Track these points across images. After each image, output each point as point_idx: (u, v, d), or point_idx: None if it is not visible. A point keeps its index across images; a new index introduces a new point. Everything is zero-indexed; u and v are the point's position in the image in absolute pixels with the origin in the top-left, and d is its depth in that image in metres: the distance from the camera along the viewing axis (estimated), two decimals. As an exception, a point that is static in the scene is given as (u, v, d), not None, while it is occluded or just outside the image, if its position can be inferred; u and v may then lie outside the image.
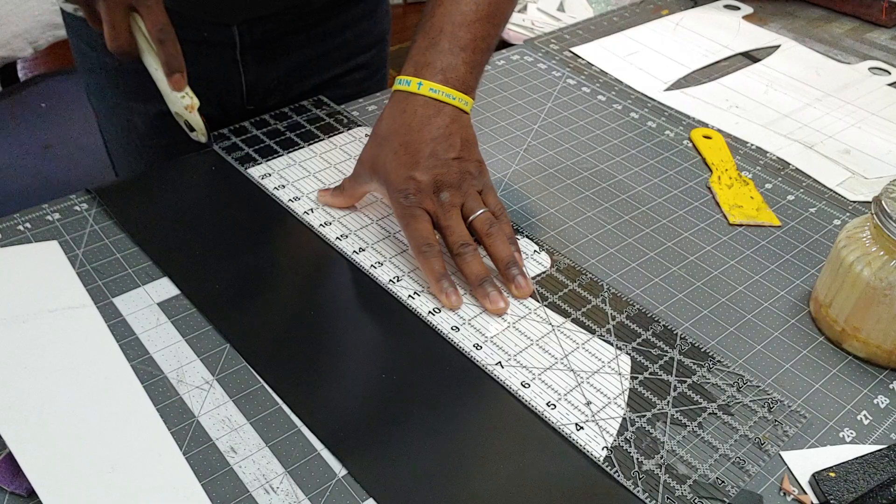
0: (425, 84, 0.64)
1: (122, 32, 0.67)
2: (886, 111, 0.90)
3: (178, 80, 0.69)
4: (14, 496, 0.48)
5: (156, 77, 0.70)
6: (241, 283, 0.62)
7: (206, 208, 0.70)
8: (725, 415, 0.54)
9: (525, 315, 0.61)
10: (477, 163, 0.65)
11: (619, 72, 0.95)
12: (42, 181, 1.20)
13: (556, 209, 0.73)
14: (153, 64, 0.69)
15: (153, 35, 0.67)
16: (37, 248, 0.64)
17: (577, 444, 0.52)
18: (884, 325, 0.57)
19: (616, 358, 0.58)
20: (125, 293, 0.61)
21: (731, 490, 0.50)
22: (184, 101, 0.70)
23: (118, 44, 0.67)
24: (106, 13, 0.65)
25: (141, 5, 0.66)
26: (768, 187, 0.77)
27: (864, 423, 0.55)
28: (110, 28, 0.66)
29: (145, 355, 0.56)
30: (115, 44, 0.67)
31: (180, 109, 0.71)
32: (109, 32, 0.66)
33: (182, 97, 0.70)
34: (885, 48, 1.04)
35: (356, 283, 0.63)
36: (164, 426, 0.51)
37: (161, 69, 0.69)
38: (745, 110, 0.89)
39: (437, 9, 0.66)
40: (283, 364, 0.56)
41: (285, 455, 0.51)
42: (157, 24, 0.66)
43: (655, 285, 0.65)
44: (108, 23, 0.66)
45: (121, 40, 0.67)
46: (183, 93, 0.70)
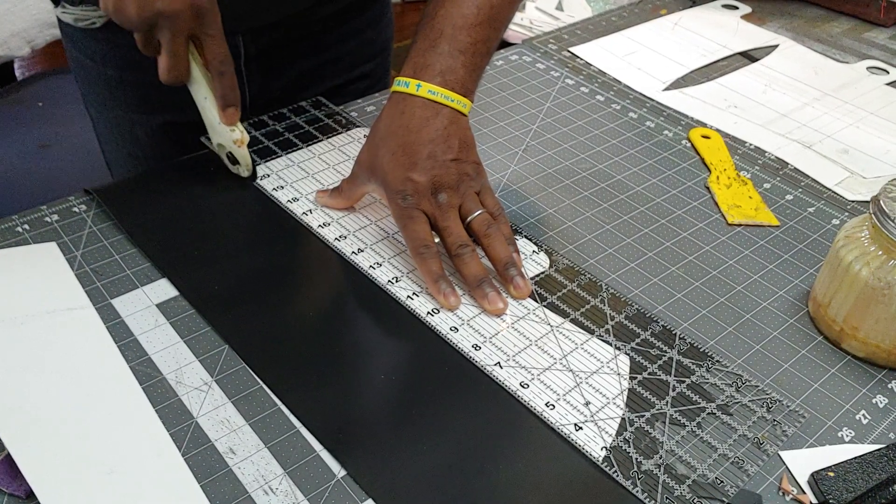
0: (424, 86, 0.64)
1: (183, 62, 0.65)
2: (885, 110, 0.90)
3: (233, 113, 0.67)
4: (12, 497, 0.48)
5: (202, 106, 0.68)
6: (240, 285, 0.62)
7: (204, 209, 0.70)
8: (724, 414, 0.54)
9: (524, 315, 0.61)
10: (474, 164, 0.65)
11: (617, 72, 0.95)
12: (39, 180, 1.20)
13: (555, 209, 0.73)
14: (203, 93, 0.67)
15: (213, 66, 0.65)
16: (35, 250, 0.64)
17: (576, 445, 0.52)
18: (882, 325, 0.57)
19: (615, 358, 0.58)
20: (124, 294, 0.61)
21: (730, 490, 0.50)
22: (233, 134, 0.68)
23: (176, 74, 0.65)
24: (168, 42, 0.63)
25: (204, 35, 0.64)
26: (767, 187, 0.77)
27: (863, 423, 0.55)
28: (171, 57, 0.64)
29: (144, 356, 0.56)
30: (172, 74, 0.65)
31: (227, 142, 0.69)
32: (169, 62, 0.64)
33: (232, 131, 0.68)
34: (884, 47, 1.04)
35: (355, 284, 0.63)
36: (163, 427, 0.51)
37: (211, 100, 0.67)
38: (743, 110, 0.89)
39: (437, 10, 0.66)
40: (282, 365, 0.56)
41: (284, 456, 0.51)
42: (219, 56, 0.65)
43: (654, 285, 0.65)
44: (169, 52, 0.63)
45: (180, 70, 0.65)
46: (234, 126, 0.68)
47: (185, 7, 0.61)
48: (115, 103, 0.85)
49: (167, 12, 0.60)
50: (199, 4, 0.61)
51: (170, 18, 0.61)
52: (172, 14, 0.61)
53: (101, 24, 0.79)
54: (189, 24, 0.62)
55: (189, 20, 0.62)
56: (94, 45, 0.81)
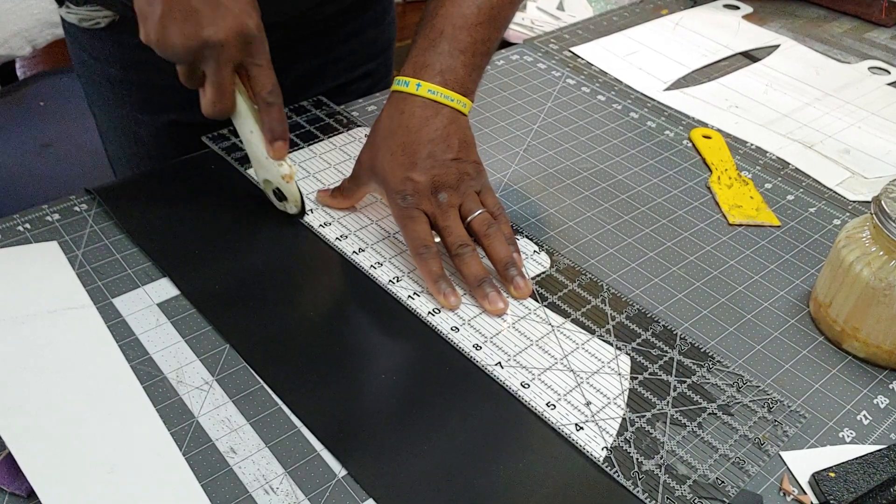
0: (424, 85, 0.64)
1: (230, 94, 0.61)
2: (886, 111, 0.90)
3: (281, 147, 0.64)
4: (13, 497, 0.48)
5: (248, 140, 0.65)
6: (241, 284, 0.62)
7: (206, 208, 0.70)
8: (725, 415, 0.54)
9: (525, 315, 0.61)
10: (475, 164, 0.65)
11: (618, 71, 0.95)
12: (41, 180, 1.20)
13: (556, 209, 0.73)
14: (249, 126, 0.64)
15: (261, 97, 0.62)
16: (36, 249, 0.64)
17: (576, 445, 0.52)
18: (883, 325, 0.57)
19: (616, 358, 0.58)
20: (125, 294, 0.61)
21: (731, 490, 0.50)
22: (281, 169, 0.64)
23: (222, 107, 0.61)
24: (214, 73, 0.59)
25: (252, 64, 0.61)
26: (768, 187, 0.77)
27: (864, 423, 0.55)
28: (217, 89, 0.60)
29: (145, 356, 0.56)
30: (219, 106, 0.61)
31: (275, 178, 0.65)
32: (215, 94, 0.60)
33: (280, 165, 0.64)
34: (885, 47, 1.04)
35: (356, 283, 0.63)
36: (164, 427, 0.51)
37: (258, 133, 0.64)
38: (744, 110, 0.89)
39: (438, 10, 0.66)
40: (283, 364, 0.56)
41: (285, 455, 0.51)
42: (268, 86, 0.61)
43: (655, 285, 0.65)
44: (214, 84, 0.60)
45: (226, 103, 0.61)
46: (282, 161, 0.64)
47: (233, 36, 0.58)
48: (119, 103, 0.85)
49: (214, 41, 0.57)
50: (246, 32, 0.58)
51: (216, 48, 0.58)
52: (219, 43, 0.58)
53: (106, 24, 0.79)
54: (236, 54, 0.59)
55: (236, 49, 0.59)
56: (98, 44, 0.81)
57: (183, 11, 0.57)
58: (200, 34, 0.57)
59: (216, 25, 0.57)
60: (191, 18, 0.57)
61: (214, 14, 0.57)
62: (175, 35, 0.57)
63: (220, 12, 0.57)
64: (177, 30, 0.57)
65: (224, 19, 0.57)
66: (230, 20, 0.57)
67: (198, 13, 0.57)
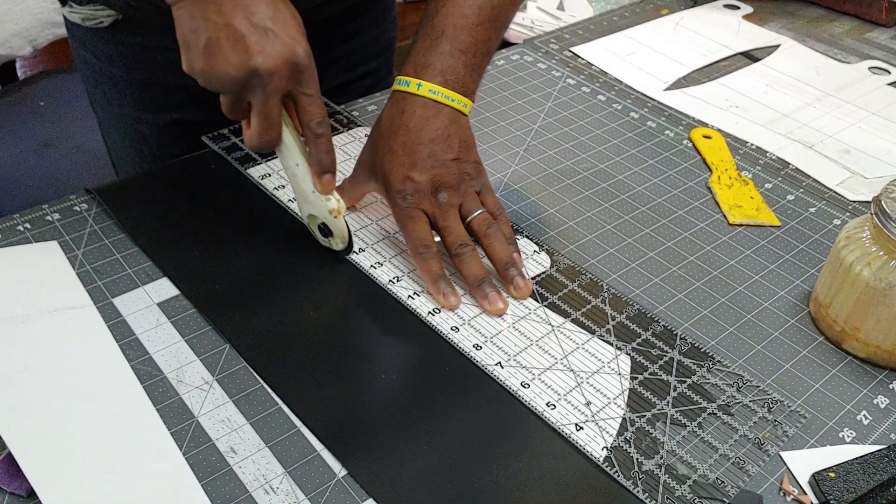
0: (425, 85, 0.64)
1: (277, 125, 0.58)
2: (886, 111, 0.90)
3: (330, 181, 0.61)
4: (14, 496, 0.48)
5: (293, 173, 0.61)
6: (241, 284, 0.62)
7: (206, 208, 0.70)
8: (725, 415, 0.54)
9: (525, 315, 0.61)
10: (475, 164, 0.65)
11: (618, 71, 0.95)
12: (41, 179, 1.20)
13: (556, 209, 0.73)
14: (294, 159, 0.60)
15: (309, 128, 0.59)
16: (37, 249, 0.64)
17: (576, 445, 0.52)
18: (883, 326, 0.57)
19: (616, 358, 0.58)
20: (125, 293, 0.61)
21: (731, 490, 0.50)
22: (329, 203, 0.61)
23: (268, 138, 0.58)
24: (262, 104, 0.56)
25: (301, 94, 0.58)
26: (768, 187, 0.77)
27: (864, 424, 0.55)
28: (264, 120, 0.57)
29: (145, 355, 0.56)
30: (265, 138, 0.58)
31: (321, 213, 0.62)
32: (262, 125, 0.57)
33: (328, 200, 0.61)
34: (885, 47, 1.04)
35: (356, 283, 0.63)
36: (164, 426, 0.51)
37: (304, 166, 0.61)
38: (744, 110, 0.89)
39: (439, 10, 0.66)
40: (283, 364, 0.56)
41: (285, 455, 0.51)
42: (317, 117, 0.59)
43: (655, 285, 0.65)
44: (261, 115, 0.57)
45: (274, 134, 0.58)
46: (329, 195, 0.61)
47: (283, 64, 0.55)
48: (122, 102, 0.85)
49: (263, 70, 0.54)
50: (296, 61, 0.56)
51: (265, 77, 0.55)
52: (269, 72, 0.55)
53: (109, 24, 0.79)
54: (285, 83, 0.56)
55: (285, 78, 0.56)
56: (102, 44, 0.81)
57: (230, 39, 0.54)
58: (248, 63, 0.54)
59: (265, 53, 0.54)
60: (238, 46, 0.54)
61: (263, 41, 0.54)
62: (222, 64, 0.54)
63: (268, 39, 0.54)
64: (223, 58, 0.54)
65: (273, 47, 0.55)
66: (279, 47, 0.55)
67: (245, 40, 0.54)
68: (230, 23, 0.54)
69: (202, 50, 0.55)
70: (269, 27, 0.55)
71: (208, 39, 0.54)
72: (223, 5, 0.54)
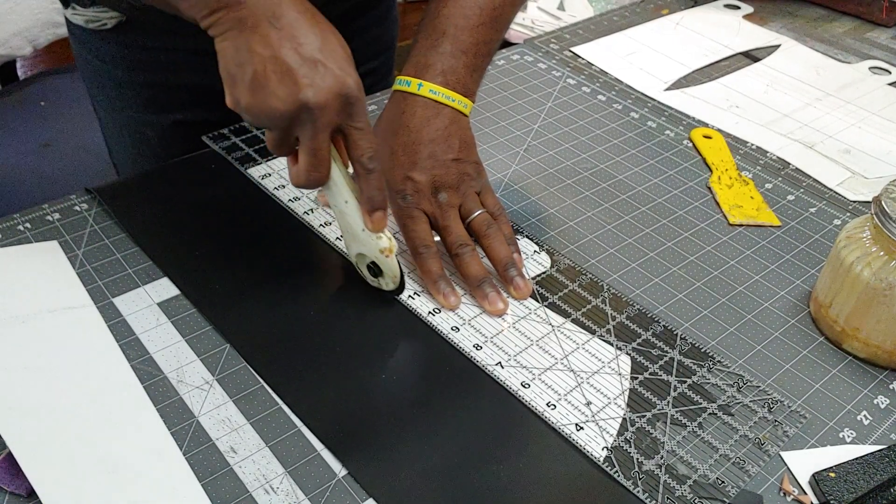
0: (425, 85, 0.64)
1: (326, 161, 0.55)
2: (887, 111, 0.90)
3: (381, 218, 0.57)
4: (14, 496, 0.48)
5: (341, 211, 0.58)
6: (241, 283, 0.62)
7: (206, 208, 0.70)
8: (725, 415, 0.54)
9: (525, 315, 0.61)
10: (475, 164, 0.65)
11: (619, 71, 0.95)
12: (41, 179, 1.20)
13: (556, 209, 0.73)
14: (343, 196, 0.57)
15: (360, 163, 0.56)
16: (37, 248, 0.64)
17: (577, 445, 0.52)
18: (884, 326, 0.57)
19: (616, 358, 0.58)
20: (125, 293, 0.61)
21: (731, 490, 0.50)
22: (380, 242, 0.58)
23: (318, 175, 0.55)
24: (310, 139, 0.53)
25: (352, 128, 0.55)
26: (768, 187, 0.77)
27: (865, 424, 0.55)
28: (312, 156, 0.54)
29: (145, 355, 0.56)
30: (314, 175, 0.55)
31: (372, 252, 0.59)
32: (310, 162, 0.54)
33: (378, 238, 0.58)
34: (886, 47, 1.04)
35: (356, 283, 0.63)
36: (164, 426, 0.51)
37: (353, 203, 0.57)
38: (745, 110, 0.89)
39: (440, 10, 0.66)
40: (283, 364, 0.56)
41: (285, 455, 0.51)
42: (367, 151, 0.55)
43: (655, 285, 0.65)
44: (310, 150, 0.54)
45: (324, 170, 0.55)
46: (380, 233, 0.58)
47: (334, 97, 0.52)
48: (125, 104, 0.85)
49: (313, 104, 0.52)
50: (347, 93, 0.53)
51: (315, 111, 0.52)
52: (319, 106, 0.52)
53: (113, 26, 0.79)
54: (335, 117, 0.53)
55: (336, 112, 0.53)
56: (105, 46, 0.81)
57: (278, 72, 0.51)
58: (298, 96, 0.51)
59: (315, 86, 0.51)
60: (287, 79, 0.51)
61: (313, 74, 0.52)
62: (270, 98, 0.52)
63: (318, 72, 0.52)
64: (271, 93, 0.51)
65: (323, 79, 0.52)
66: (329, 80, 0.52)
67: (294, 73, 0.51)
68: (277, 55, 0.51)
69: (248, 84, 0.52)
70: (319, 58, 0.52)
71: (254, 73, 0.52)
72: (269, 36, 0.52)
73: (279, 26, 0.52)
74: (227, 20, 0.52)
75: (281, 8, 0.52)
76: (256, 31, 0.52)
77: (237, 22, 0.52)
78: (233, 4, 0.52)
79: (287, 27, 0.52)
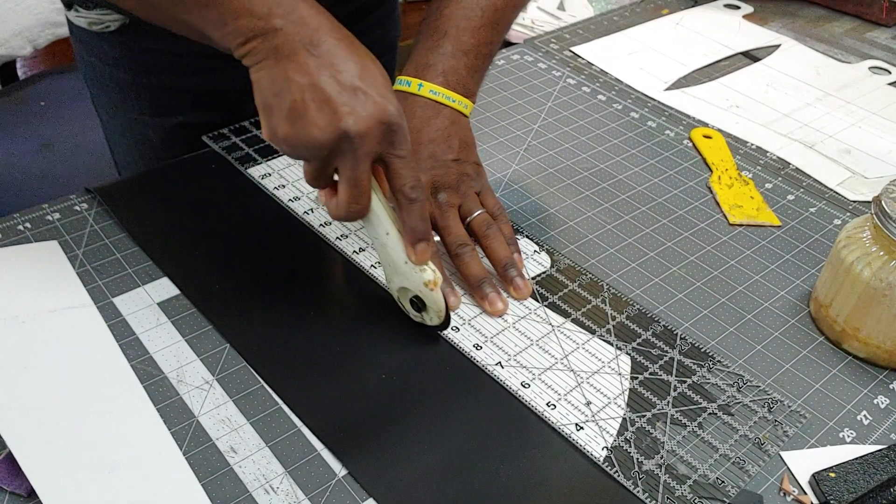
0: (426, 85, 0.64)
1: (368, 192, 0.53)
2: (887, 111, 0.90)
3: (425, 250, 0.55)
4: (14, 496, 0.48)
5: (382, 244, 0.56)
6: (241, 283, 0.62)
7: (206, 208, 0.70)
8: (725, 415, 0.54)
9: (525, 315, 0.61)
10: (475, 165, 0.65)
11: (619, 71, 0.95)
12: (41, 179, 1.20)
13: (556, 209, 0.73)
14: (384, 228, 0.55)
15: (403, 193, 0.54)
16: (37, 248, 0.64)
17: (577, 445, 0.52)
18: (884, 326, 0.57)
19: (616, 358, 0.58)
20: (125, 293, 0.61)
21: (731, 490, 0.50)
22: (424, 275, 0.56)
23: (359, 207, 0.53)
24: (351, 169, 0.51)
25: (394, 156, 0.53)
26: (768, 187, 0.77)
27: (864, 424, 0.55)
28: (353, 187, 0.52)
29: (145, 355, 0.56)
30: (355, 206, 0.53)
31: (415, 285, 0.56)
32: (351, 193, 0.52)
33: (422, 271, 0.56)
34: (886, 47, 1.04)
35: (356, 283, 0.63)
36: (164, 426, 0.51)
37: (395, 235, 0.55)
38: (745, 110, 0.89)
39: (442, 10, 0.66)
40: (283, 364, 0.56)
41: (285, 455, 0.51)
42: (410, 180, 0.53)
43: (655, 285, 0.65)
44: (351, 181, 0.52)
45: (365, 202, 0.53)
46: (424, 266, 0.56)
47: (375, 125, 0.50)
48: (128, 106, 0.84)
49: (354, 132, 0.50)
50: (389, 120, 0.51)
51: (356, 140, 0.50)
52: (361, 134, 0.50)
53: (116, 28, 0.79)
54: (376, 146, 0.51)
55: (377, 140, 0.51)
56: (108, 48, 0.81)
57: (317, 101, 0.50)
58: (339, 125, 0.50)
59: (356, 115, 0.50)
60: (326, 108, 0.50)
61: (353, 101, 0.50)
62: (309, 128, 0.50)
63: (358, 99, 0.50)
64: (310, 122, 0.50)
65: (364, 107, 0.50)
66: (370, 107, 0.50)
67: (333, 101, 0.50)
68: (316, 83, 0.50)
69: (286, 114, 0.50)
70: (359, 86, 0.50)
71: (293, 102, 0.50)
72: (307, 64, 0.50)
73: (317, 54, 0.50)
74: (263, 49, 0.51)
75: (318, 35, 0.51)
76: (294, 60, 0.50)
77: (273, 50, 0.51)
78: (268, 32, 0.50)
79: (325, 54, 0.50)
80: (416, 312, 0.58)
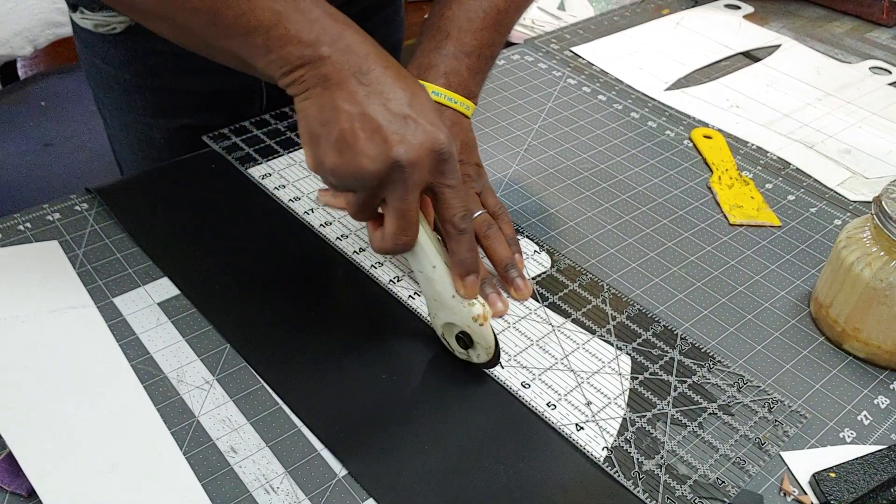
0: (428, 86, 0.64)
1: (415, 224, 0.51)
2: (887, 111, 0.90)
3: (474, 283, 0.53)
4: (14, 496, 0.48)
5: (428, 277, 0.54)
6: (241, 283, 0.62)
7: (206, 208, 0.70)
8: (726, 415, 0.54)
9: (525, 315, 0.61)
10: (475, 166, 0.65)
11: (619, 71, 0.95)
12: (42, 179, 1.20)
13: (557, 209, 0.73)
14: (431, 261, 0.53)
15: (452, 224, 0.52)
16: (37, 248, 0.64)
17: (577, 445, 0.52)
18: (884, 326, 0.57)
19: (616, 358, 0.58)
20: (125, 293, 0.61)
21: (732, 490, 0.50)
22: (473, 309, 0.53)
23: (407, 239, 0.51)
24: (400, 199, 0.50)
25: (444, 186, 0.51)
26: (769, 187, 0.77)
27: (865, 424, 0.55)
28: (401, 219, 0.50)
29: (145, 355, 0.56)
30: (402, 239, 0.51)
31: (462, 320, 0.54)
32: (399, 225, 0.50)
33: (471, 305, 0.53)
34: (886, 47, 1.04)
35: (356, 283, 0.63)
36: (165, 426, 0.51)
37: (442, 268, 0.53)
38: (745, 110, 0.89)
39: (444, 11, 0.66)
40: (283, 364, 0.56)
41: (285, 455, 0.51)
42: (460, 210, 0.52)
43: (656, 285, 0.65)
44: (399, 212, 0.50)
45: (413, 234, 0.51)
46: (473, 299, 0.53)
47: (426, 154, 0.49)
48: (132, 108, 0.84)
49: (405, 161, 0.48)
50: (440, 149, 0.49)
51: (407, 169, 0.48)
52: (411, 163, 0.48)
53: (122, 30, 0.78)
54: (427, 175, 0.50)
55: (427, 170, 0.50)
56: (112, 50, 0.80)
57: (367, 130, 0.48)
58: (390, 154, 0.48)
59: (406, 143, 0.48)
60: (376, 137, 0.48)
61: (403, 130, 0.49)
62: (359, 158, 0.48)
63: (409, 128, 0.49)
64: (360, 151, 0.48)
65: (415, 136, 0.49)
66: (421, 136, 0.49)
67: (384, 130, 0.48)
68: (365, 111, 0.48)
69: (334, 144, 0.49)
70: (409, 114, 0.49)
71: (341, 132, 0.49)
72: (356, 93, 0.49)
73: (366, 82, 0.49)
74: (311, 77, 0.50)
75: (367, 63, 0.50)
76: (343, 88, 0.49)
77: (321, 79, 0.49)
78: (316, 60, 0.49)
79: (375, 82, 0.49)
80: (462, 349, 0.56)
